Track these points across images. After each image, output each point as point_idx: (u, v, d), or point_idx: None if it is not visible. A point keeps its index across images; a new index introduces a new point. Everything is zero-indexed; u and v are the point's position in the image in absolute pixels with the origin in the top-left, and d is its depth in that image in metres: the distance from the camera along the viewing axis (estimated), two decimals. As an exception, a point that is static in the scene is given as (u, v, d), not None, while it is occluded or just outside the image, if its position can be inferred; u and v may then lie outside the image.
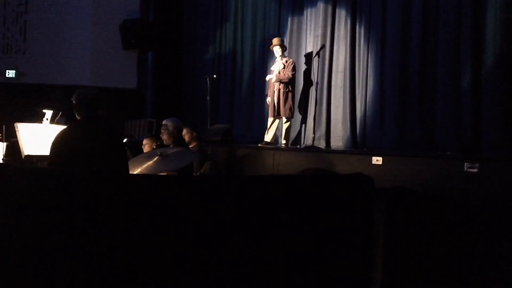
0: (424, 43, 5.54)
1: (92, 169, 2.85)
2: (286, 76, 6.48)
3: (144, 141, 5.34)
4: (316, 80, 6.56)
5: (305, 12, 7.07)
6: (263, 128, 7.53)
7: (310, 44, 6.86)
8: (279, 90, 6.51)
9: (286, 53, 6.81)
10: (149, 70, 9.60)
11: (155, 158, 3.73)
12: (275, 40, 6.72)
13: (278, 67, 6.61)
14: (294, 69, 6.58)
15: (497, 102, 4.81)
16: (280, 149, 5.87)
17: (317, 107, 6.58)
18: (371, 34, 6.17)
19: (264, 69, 7.66)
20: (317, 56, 6.42)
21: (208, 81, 7.74)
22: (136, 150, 5.26)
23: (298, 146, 6.18)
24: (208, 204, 2.58)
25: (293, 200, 2.78)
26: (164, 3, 9.60)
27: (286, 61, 6.58)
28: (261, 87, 7.74)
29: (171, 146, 4.52)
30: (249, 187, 2.76)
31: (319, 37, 6.68)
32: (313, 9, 6.87)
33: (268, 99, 6.74)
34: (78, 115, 3.11)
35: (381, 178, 4.01)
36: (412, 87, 5.64)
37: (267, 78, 6.78)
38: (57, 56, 9.55)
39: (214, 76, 8.34)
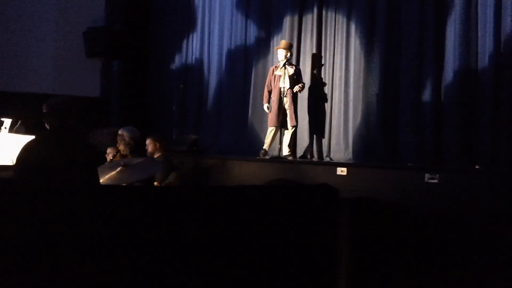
0: (387, 56, 5.69)
1: (60, 182, 2.77)
2: (302, 84, 6.12)
3: (108, 150, 5.26)
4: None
5: (271, 24, 7.14)
6: (231, 138, 7.54)
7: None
8: (292, 97, 6.07)
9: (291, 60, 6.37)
10: (114, 79, 9.47)
11: (119, 169, 3.68)
12: (283, 43, 6.29)
13: (286, 72, 6.13)
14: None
15: (456, 115, 4.99)
16: (246, 159, 5.87)
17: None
18: (336, 47, 6.29)
19: (232, 79, 7.67)
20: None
21: (174, 91, 7.69)
22: (100, 159, 5.17)
23: (266, 157, 6.20)
24: (173, 215, 2.56)
25: (258, 210, 2.79)
26: (130, 12, 9.51)
27: (296, 68, 6.24)
28: (228, 97, 7.75)
29: (129, 156, 4.45)
30: (215, 197, 2.75)
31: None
32: (279, 21, 6.95)
33: (266, 106, 6.29)
34: (47, 125, 2.99)
35: (345, 189, 4.06)
36: (374, 99, 5.77)
37: (281, 85, 6.11)
38: (17, 62, 9.29)
39: (181, 85, 8.30)
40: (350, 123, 6.01)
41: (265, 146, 6.23)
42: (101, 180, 3.50)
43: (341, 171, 4.54)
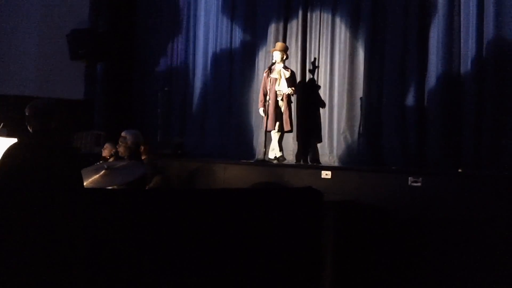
0: (371, 60, 5.74)
1: (43, 185, 2.73)
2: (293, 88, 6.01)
3: (106, 145, 5.22)
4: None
5: (256, 28, 7.15)
6: (216, 142, 7.52)
7: (262, 60, 6.94)
8: (288, 102, 5.99)
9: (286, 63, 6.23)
10: (98, 81, 9.39)
11: (102, 172, 3.65)
12: (279, 45, 6.18)
13: (283, 75, 6.00)
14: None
15: (439, 119, 5.05)
16: (231, 163, 5.86)
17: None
18: (321, 50, 6.32)
19: (217, 82, 7.66)
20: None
21: (159, 94, 7.64)
22: (84, 162, 5.11)
23: (251, 161, 6.19)
24: (158, 218, 2.54)
25: (243, 214, 2.78)
26: (115, 14, 9.45)
27: (291, 71, 6.13)
28: (213, 101, 7.73)
29: (125, 159, 4.39)
30: (199, 201, 2.74)
31: (271, 54, 6.76)
32: (265, 25, 6.96)
33: (262, 110, 6.11)
34: (29, 128, 2.94)
35: (330, 192, 4.07)
36: (359, 103, 5.80)
37: (278, 88, 5.98)
38: (0, 65, 9.17)
39: (166, 89, 8.25)
40: (335, 127, 6.03)
41: (277, 154, 6.01)
42: (84, 183, 3.46)
43: (326, 174, 4.56)
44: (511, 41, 4.60)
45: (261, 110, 6.18)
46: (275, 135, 6.08)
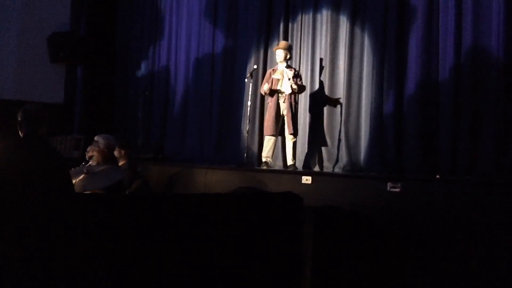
0: (350, 67, 5.80)
1: (34, 189, 2.72)
2: (302, 85, 5.69)
3: (89, 148, 5.13)
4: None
5: (239, 34, 7.17)
6: (196, 146, 7.50)
7: (244, 65, 6.95)
8: (290, 103, 5.59)
9: (289, 62, 5.92)
10: (79, 85, 9.30)
11: (81, 176, 3.61)
12: (283, 44, 5.86)
13: (285, 76, 5.62)
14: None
15: (418, 126, 5.12)
16: (212, 168, 5.85)
17: (250, 126, 6.61)
18: (302, 56, 6.37)
19: (199, 87, 7.64)
20: (250, 76, 6.49)
21: (140, 98, 7.60)
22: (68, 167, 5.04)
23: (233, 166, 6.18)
24: (138, 223, 2.53)
25: (223, 219, 2.78)
26: (96, 17, 9.37)
27: (295, 70, 5.80)
28: (194, 105, 7.72)
29: (97, 163, 4.36)
30: (179, 205, 2.73)
31: (252, 60, 6.79)
32: (247, 32, 6.99)
33: (266, 86, 5.74)
34: (20, 132, 3.02)
35: (310, 197, 4.10)
36: (338, 110, 5.87)
37: (280, 87, 5.67)
38: (-22, 67, 9.01)
39: (147, 93, 8.21)
40: (315, 132, 6.07)
41: (265, 158, 5.71)
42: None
43: (306, 179, 4.58)
44: (487, 50, 4.71)
45: (266, 86, 5.73)
46: (268, 140, 5.74)
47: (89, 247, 2.37)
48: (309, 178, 4.56)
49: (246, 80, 5.99)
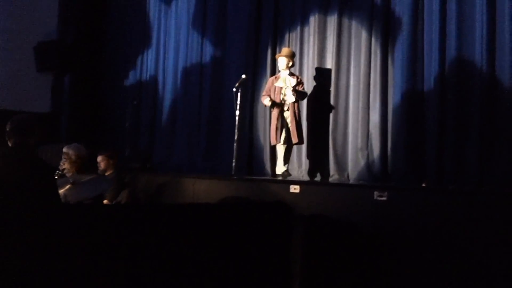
0: (337, 77, 5.88)
1: (21, 200, 2.71)
2: (303, 91, 5.59)
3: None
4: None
5: (227, 43, 7.21)
6: (185, 156, 7.49)
7: (232, 74, 6.98)
8: (294, 112, 5.49)
9: (292, 70, 5.80)
10: (66, 94, 9.24)
11: (67, 186, 3.60)
12: (285, 51, 5.71)
13: (288, 84, 5.52)
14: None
15: (403, 135, 5.19)
16: (200, 177, 5.84)
17: (238, 135, 6.61)
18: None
19: (187, 97, 7.65)
20: (239, 86, 6.50)
21: (128, 107, 7.58)
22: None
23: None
24: (124, 233, 2.52)
25: (211, 229, 2.79)
26: (84, 26, 9.35)
27: (298, 77, 5.69)
28: (182, 115, 7.72)
29: (74, 174, 4.32)
30: (167, 215, 2.73)
31: (241, 68, 6.81)
32: (236, 42, 7.02)
33: (268, 99, 5.62)
34: (9, 142, 3.01)
35: (298, 206, 4.12)
36: (325, 120, 5.92)
37: (287, 97, 5.52)
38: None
39: (135, 102, 8.19)
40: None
41: (282, 168, 5.56)
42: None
43: (294, 188, 4.59)
44: (471, 60, 4.79)
45: (266, 100, 5.62)
46: (280, 149, 5.63)
47: (76, 257, 2.36)
48: (297, 187, 4.58)
49: (234, 89, 6.00)
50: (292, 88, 5.48)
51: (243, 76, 6.17)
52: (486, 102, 4.65)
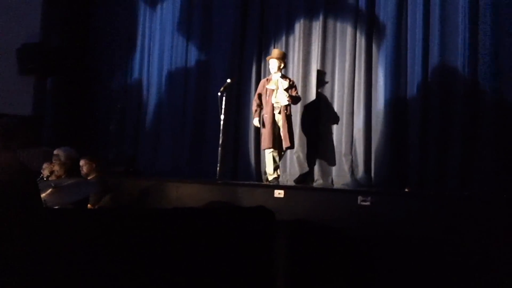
0: (322, 82, 5.90)
1: (2, 205, 2.65)
2: (297, 96, 5.50)
3: (44, 165, 5.04)
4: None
5: (213, 47, 7.20)
6: (168, 160, 7.44)
7: (218, 78, 6.96)
8: (286, 115, 5.39)
9: (283, 71, 5.67)
10: (49, 97, 9.13)
11: (49, 191, 3.55)
12: (276, 52, 5.58)
13: (280, 86, 5.42)
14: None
15: (387, 141, 5.24)
16: (184, 181, 5.81)
17: (223, 140, 6.58)
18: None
19: (172, 100, 7.61)
20: (223, 90, 6.49)
21: (112, 111, 7.51)
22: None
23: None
24: (107, 238, 2.49)
25: (194, 233, 2.77)
26: (68, 29, 9.25)
27: (291, 80, 5.60)
28: (167, 119, 7.68)
29: (63, 177, 4.29)
30: (151, 220, 2.71)
31: (226, 73, 6.80)
32: (221, 46, 7.02)
33: (257, 120, 5.61)
34: None
35: (283, 211, 4.11)
36: (309, 125, 5.95)
37: (274, 101, 5.41)
38: None
39: (119, 106, 8.12)
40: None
41: (273, 173, 5.48)
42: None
43: (279, 193, 4.59)
44: (454, 66, 4.86)
45: (255, 121, 5.64)
46: (268, 154, 5.52)
47: (58, 263, 2.33)
48: (282, 191, 4.58)
49: (219, 94, 5.99)
50: (288, 94, 5.39)
51: (228, 80, 6.16)
52: (468, 107, 4.72)
